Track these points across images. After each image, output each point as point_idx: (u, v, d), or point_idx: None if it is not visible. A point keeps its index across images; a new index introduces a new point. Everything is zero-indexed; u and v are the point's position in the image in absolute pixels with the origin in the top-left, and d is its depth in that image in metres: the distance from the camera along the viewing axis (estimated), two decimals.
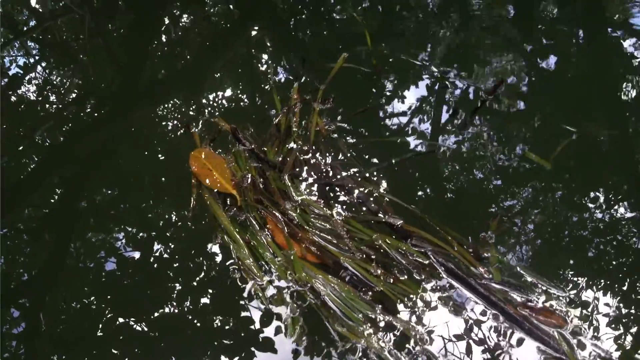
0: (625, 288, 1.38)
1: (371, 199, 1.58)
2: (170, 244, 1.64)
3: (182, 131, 1.86)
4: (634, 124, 1.81)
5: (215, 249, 1.55)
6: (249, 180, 1.65)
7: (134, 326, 1.45)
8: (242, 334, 1.42)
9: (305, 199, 1.58)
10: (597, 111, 1.86)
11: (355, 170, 1.67)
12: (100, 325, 1.44)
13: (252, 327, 1.41)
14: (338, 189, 1.63)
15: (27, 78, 2.30)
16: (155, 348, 1.41)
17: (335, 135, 1.79)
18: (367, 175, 1.66)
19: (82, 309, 1.49)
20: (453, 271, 1.35)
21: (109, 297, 1.51)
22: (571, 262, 1.45)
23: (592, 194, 1.60)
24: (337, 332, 1.29)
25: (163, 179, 1.82)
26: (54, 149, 1.94)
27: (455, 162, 1.74)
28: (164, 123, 1.96)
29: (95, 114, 2.06)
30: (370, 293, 1.35)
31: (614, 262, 1.45)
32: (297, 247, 1.48)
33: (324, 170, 1.68)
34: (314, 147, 1.75)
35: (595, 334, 1.25)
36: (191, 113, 1.99)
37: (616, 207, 1.56)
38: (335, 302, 1.34)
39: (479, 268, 1.37)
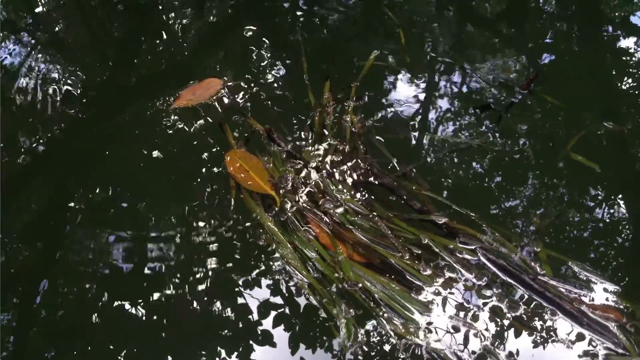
0: None
1: (411, 196, 1.57)
2: (169, 238, 1.63)
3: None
4: None
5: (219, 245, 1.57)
6: (287, 180, 1.64)
7: (131, 318, 1.44)
8: (241, 327, 1.42)
9: (346, 198, 1.57)
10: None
11: (393, 168, 1.67)
12: (96, 316, 1.44)
13: (250, 318, 1.42)
14: (378, 187, 1.62)
15: (20, 73, 2.27)
16: (152, 339, 1.40)
17: (371, 133, 1.77)
18: (406, 173, 1.65)
19: (77, 300, 1.49)
20: (505, 268, 1.34)
21: (105, 288, 1.50)
22: (625, 254, 1.44)
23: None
24: (394, 332, 1.28)
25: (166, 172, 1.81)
26: (55, 144, 1.94)
27: (491, 158, 1.73)
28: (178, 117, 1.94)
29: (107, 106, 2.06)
30: (423, 292, 1.33)
31: None
32: (342, 247, 1.47)
33: (362, 168, 1.67)
34: (350, 146, 1.73)
35: None
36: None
37: None
38: (388, 302, 1.33)
39: (531, 264, 1.36)
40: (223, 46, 2.35)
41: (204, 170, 1.76)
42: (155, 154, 1.84)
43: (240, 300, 1.46)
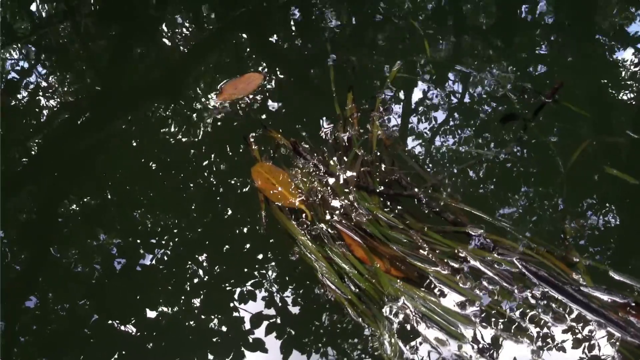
0: None
1: (443, 208, 1.55)
2: (160, 247, 1.63)
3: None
4: None
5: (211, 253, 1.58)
6: (317, 194, 1.62)
7: (121, 327, 1.45)
8: (231, 335, 1.43)
9: (378, 211, 1.55)
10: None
11: (420, 179, 1.66)
12: (86, 327, 1.44)
13: (242, 327, 1.44)
14: (407, 199, 1.60)
15: (22, 83, 2.27)
16: (142, 348, 1.41)
17: (397, 143, 1.77)
18: (435, 184, 1.64)
19: (68, 311, 1.49)
20: (547, 279, 1.33)
21: (96, 299, 1.51)
22: None
23: None
24: (439, 347, 1.26)
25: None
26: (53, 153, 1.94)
27: (519, 167, 1.73)
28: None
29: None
30: (464, 305, 1.32)
31: None
32: (378, 261, 1.45)
33: (391, 180, 1.66)
34: (376, 157, 1.72)
35: None
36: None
37: None
38: (431, 317, 1.31)
39: (572, 274, 1.35)
40: (234, 55, 2.33)
41: (205, 177, 1.78)
42: (152, 163, 1.86)
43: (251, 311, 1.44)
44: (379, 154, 1.73)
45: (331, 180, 1.65)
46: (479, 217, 1.52)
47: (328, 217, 1.55)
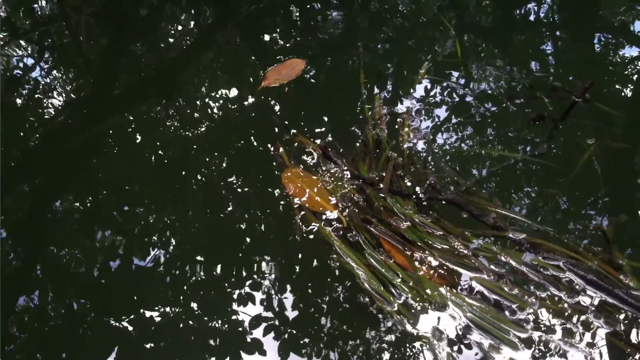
0: None
1: (483, 212, 1.53)
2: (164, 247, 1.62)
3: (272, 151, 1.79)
4: None
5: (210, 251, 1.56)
6: (350, 199, 1.59)
7: (119, 327, 1.43)
8: (230, 336, 1.42)
9: (414, 216, 1.53)
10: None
11: (457, 182, 1.63)
12: (85, 325, 1.43)
13: (240, 329, 1.43)
14: (441, 204, 1.58)
15: (21, 80, 2.23)
16: (140, 349, 1.39)
17: (430, 146, 1.74)
18: (468, 187, 1.61)
19: (66, 310, 1.48)
20: (597, 283, 1.31)
21: (94, 298, 1.50)
22: None
23: None
24: (492, 354, 1.23)
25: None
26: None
27: (552, 167, 1.71)
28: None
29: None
30: (519, 313, 1.30)
31: None
32: (420, 268, 1.42)
33: (425, 184, 1.63)
34: (408, 161, 1.69)
35: None
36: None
37: None
38: (480, 324, 1.28)
39: (620, 277, 1.33)
40: (235, 56, 2.30)
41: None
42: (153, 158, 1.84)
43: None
44: (409, 157, 1.70)
45: (364, 185, 1.62)
46: (519, 221, 1.50)
47: (364, 223, 1.52)
